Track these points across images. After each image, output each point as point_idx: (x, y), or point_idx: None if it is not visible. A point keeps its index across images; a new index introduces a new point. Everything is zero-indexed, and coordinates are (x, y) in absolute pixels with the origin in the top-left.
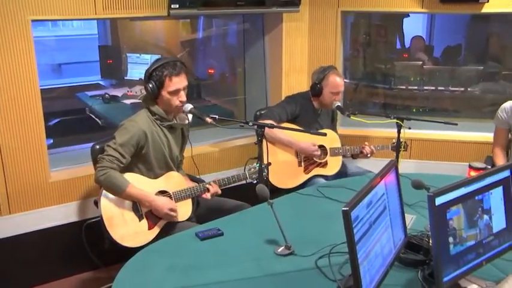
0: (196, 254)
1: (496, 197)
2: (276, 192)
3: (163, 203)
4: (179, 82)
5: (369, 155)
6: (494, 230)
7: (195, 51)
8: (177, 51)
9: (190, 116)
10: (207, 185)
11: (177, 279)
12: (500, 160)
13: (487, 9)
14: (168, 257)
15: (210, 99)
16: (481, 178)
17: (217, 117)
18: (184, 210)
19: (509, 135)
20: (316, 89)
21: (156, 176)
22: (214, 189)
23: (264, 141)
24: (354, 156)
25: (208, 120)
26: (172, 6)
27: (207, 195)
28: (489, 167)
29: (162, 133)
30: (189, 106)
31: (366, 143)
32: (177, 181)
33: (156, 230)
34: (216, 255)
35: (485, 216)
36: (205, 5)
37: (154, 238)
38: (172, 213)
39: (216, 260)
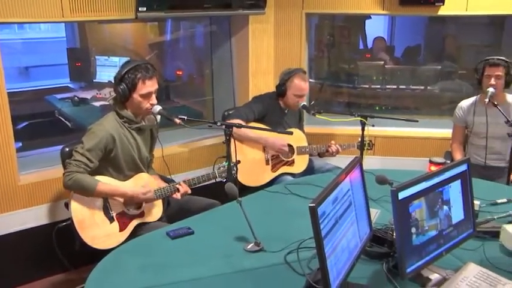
0: (168, 253)
1: (454, 190)
2: (245, 190)
3: (133, 191)
4: (152, 85)
5: (334, 154)
6: (454, 221)
7: (163, 53)
8: (145, 53)
9: (158, 117)
10: (177, 185)
11: (149, 278)
12: (458, 155)
13: (442, 11)
14: (140, 256)
15: (178, 101)
16: (441, 172)
17: (186, 118)
18: (155, 210)
19: (466, 131)
20: (280, 90)
21: (125, 178)
22: (184, 189)
23: (232, 141)
24: (320, 155)
25: (177, 121)
26: (139, 9)
27: (177, 195)
28: (448, 161)
29: (130, 135)
30: (157, 108)
31: (332, 142)
32: (146, 182)
33: (127, 232)
34: (187, 253)
35: (445, 207)
36: (172, 8)
37: (125, 239)
38: (148, 195)
39: (187, 258)
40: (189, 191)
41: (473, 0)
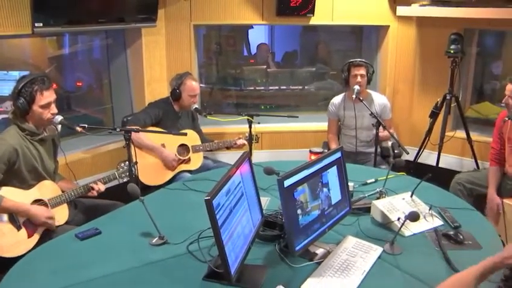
0: (78, 254)
1: (332, 175)
2: (147, 189)
3: (40, 212)
4: (50, 95)
5: (241, 146)
6: (333, 202)
7: (63, 66)
8: (45, 66)
9: (59, 127)
10: (91, 184)
11: (62, 280)
12: (333, 145)
13: (313, 21)
14: (51, 260)
15: (80, 110)
16: (319, 160)
17: (86, 126)
18: (61, 214)
19: (339, 124)
20: (176, 94)
21: (30, 187)
22: (99, 186)
23: (132, 144)
24: (228, 147)
25: (79, 129)
26: (36, 24)
27: (94, 193)
28: (325, 150)
29: (32, 147)
30: (59, 118)
31: (241, 136)
32: (50, 188)
33: (36, 237)
34: (96, 252)
35: (325, 189)
36: (68, 23)
37: (35, 245)
38: (49, 221)
39: (97, 257)
40: (103, 189)
41: (337, 12)
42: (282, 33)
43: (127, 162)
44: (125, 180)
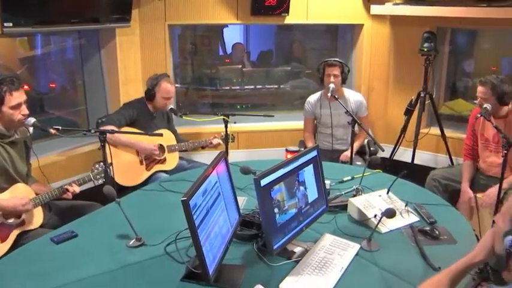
0: (54, 258)
1: (308, 173)
2: (123, 190)
3: (14, 203)
4: (20, 96)
5: (217, 145)
6: (310, 200)
7: (35, 67)
8: (16, 68)
9: (31, 129)
10: (66, 187)
11: (38, 285)
12: (310, 143)
13: (288, 20)
14: (26, 265)
15: (53, 112)
16: (296, 159)
17: (60, 128)
18: (35, 218)
19: (315, 122)
20: (150, 94)
21: (1, 190)
22: (74, 188)
23: (108, 145)
24: (203, 147)
25: (52, 131)
26: (5, 24)
27: (69, 195)
28: (302, 149)
29: (3, 150)
30: (32, 120)
31: (216, 135)
32: (24, 191)
33: (9, 242)
34: (73, 256)
35: (302, 188)
36: (40, 23)
37: (8, 250)
38: (27, 206)
39: (73, 260)
40: (78, 191)
41: (312, 11)
42: (257, 33)
43: (101, 163)
44: (100, 182)
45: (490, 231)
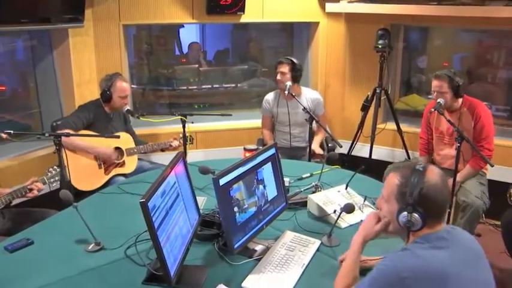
0: (9, 267)
1: (267, 171)
2: (81, 195)
3: None
4: None
5: (177, 147)
6: (269, 198)
7: None
8: None
9: None
10: (29, 186)
11: None
12: (268, 140)
13: (243, 19)
14: None
15: (4, 116)
16: (254, 158)
17: (12, 132)
18: None
19: (273, 120)
20: (106, 95)
21: None
22: (37, 185)
23: (63, 149)
24: (163, 150)
25: (3, 136)
26: None
27: (35, 193)
28: (260, 147)
29: None
30: None
31: (175, 137)
32: None
33: None
34: (29, 264)
35: (261, 187)
36: None
37: None
38: None
39: (29, 269)
40: (43, 187)
41: (268, 9)
42: (213, 32)
43: (55, 167)
44: (55, 185)
45: (372, 213)
